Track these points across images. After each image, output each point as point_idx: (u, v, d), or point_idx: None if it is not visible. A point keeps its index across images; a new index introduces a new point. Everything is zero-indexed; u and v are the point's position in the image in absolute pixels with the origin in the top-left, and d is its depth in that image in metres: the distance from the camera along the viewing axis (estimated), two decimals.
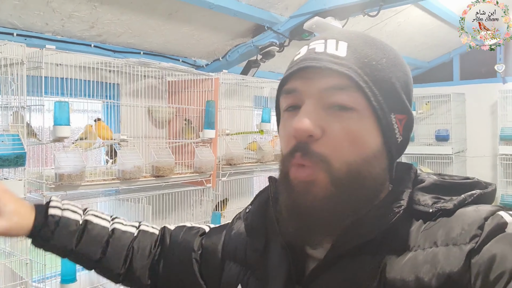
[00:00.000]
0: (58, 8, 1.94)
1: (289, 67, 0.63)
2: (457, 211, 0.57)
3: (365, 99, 0.59)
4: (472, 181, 0.63)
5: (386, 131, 0.60)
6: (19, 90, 1.73)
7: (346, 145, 0.58)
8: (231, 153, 2.67)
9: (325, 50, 0.60)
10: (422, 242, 0.56)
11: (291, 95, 0.62)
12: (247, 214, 0.76)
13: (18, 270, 1.81)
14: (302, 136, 0.57)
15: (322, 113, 0.58)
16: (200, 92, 2.58)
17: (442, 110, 4.50)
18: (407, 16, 3.24)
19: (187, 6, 2.20)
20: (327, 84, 0.58)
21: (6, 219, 0.77)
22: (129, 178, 2.11)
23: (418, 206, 0.60)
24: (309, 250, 0.65)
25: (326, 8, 2.36)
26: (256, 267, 0.70)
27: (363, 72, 0.59)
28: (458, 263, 0.52)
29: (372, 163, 0.60)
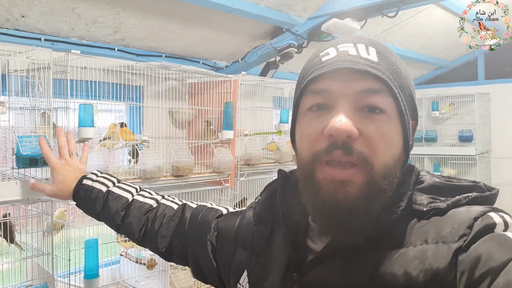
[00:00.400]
0: (83, 14, 2.01)
1: (318, 67, 0.63)
2: (450, 211, 0.59)
3: (395, 104, 0.62)
4: (472, 184, 0.64)
5: (406, 135, 0.64)
6: (46, 93, 1.81)
7: (381, 147, 0.60)
8: (249, 153, 2.71)
9: (359, 54, 0.62)
10: (414, 239, 0.59)
11: (320, 94, 0.62)
12: (255, 204, 0.80)
13: (44, 265, 1.89)
14: (342, 135, 0.58)
15: (356, 114, 0.60)
16: (220, 93, 2.63)
17: (466, 110, 4.41)
18: (428, 16, 3.20)
19: (206, 10, 2.24)
20: (363, 86, 0.60)
21: (54, 186, 1.15)
22: (150, 177, 2.17)
23: (414, 205, 0.62)
24: (309, 243, 0.68)
25: (344, 9, 2.37)
26: (260, 254, 0.73)
27: (393, 77, 0.62)
28: (445, 260, 0.54)
29: (397, 165, 0.63)
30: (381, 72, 0.60)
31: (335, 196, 0.59)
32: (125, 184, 1.11)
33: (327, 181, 0.59)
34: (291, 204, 0.72)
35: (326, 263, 0.63)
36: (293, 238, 0.68)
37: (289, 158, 2.91)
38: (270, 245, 0.72)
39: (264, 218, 0.76)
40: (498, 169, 4.42)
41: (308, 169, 0.62)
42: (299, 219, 0.70)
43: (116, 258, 2.49)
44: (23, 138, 1.63)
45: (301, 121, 0.66)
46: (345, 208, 0.59)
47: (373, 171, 0.59)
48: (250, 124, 2.90)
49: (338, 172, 0.59)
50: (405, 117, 0.62)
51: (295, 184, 0.73)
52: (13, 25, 1.97)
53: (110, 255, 2.44)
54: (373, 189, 0.59)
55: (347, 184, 0.58)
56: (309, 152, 0.62)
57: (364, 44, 0.63)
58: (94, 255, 1.99)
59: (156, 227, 0.98)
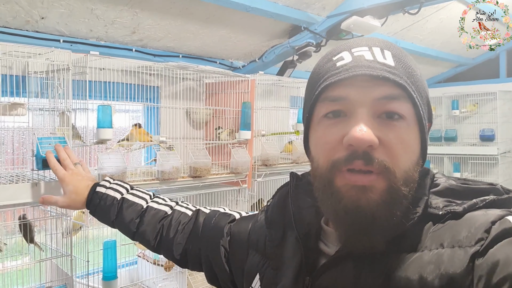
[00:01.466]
0: (102, 15, 2.01)
1: (334, 73, 0.61)
2: (466, 214, 0.58)
3: (412, 109, 0.60)
4: (489, 187, 0.63)
5: (423, 139, 0.62)
6: (65, 94, 1.81)
7: (402, 154, 0.59)
8: (266, 153, 2.68)
9: (375, 58, 0.60)
10: (429, 243, 0.57)
11: (337, 102, 0.60)
12: (267, 207, 0.79)
13: (63, 267, 1.90)
14: (363, 146, 0.57)
15: (375, 122, 0.58)
16: (237, 93, 2.61)
17: (487, 108, 4.31)
18: (450, 12, 3.13)
19: (224, 10, 2.22)
20: (382, 93, 0.59)
21: (66, 197, 1.14)
22: (168, 178, 2.16)
23: (430, 209, 0.61)
24: (322, 246, 0.67)
25: (364, 6, 2.32)
26: (272, 257, 0.72)
27: (410, 82, 0.60)
28: (462, 264, 0.53)
29: (416, 170, 0.61)
30: (399, 78, 0.59)
31: (357, 202, 0.57)
32: (139, 191, 1.11)
33: (348, 187, 0.58)
34: (303, 207, 0.71)
35: (339, 266, 0.62)
36: (305, 241, 0.67)
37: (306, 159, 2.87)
38: (282, 249, 0.71)
39: (276, 221, 0.75)
40: None
41: (326, 178, 0.60)
42: (312, 222, 0.69)
43: (133, 259, 2.49)
44: (43, 139, 1.63)
45: (317, 128, 0.64)
46: (367, 214, 0.57)
47: (395, 178, 0.57)
48: (267, 124, 2.87)
49: (359, 177, 0.57)
50: (423, 121, 0.62)
51: (307, 186, 0.73)
52: (32, 27, 1.98)
53: (127, 256, 2.45)
54: (394, 195, 0.58)
55: (369, 190, 0.57)
56: (327, 160, 0.60)
57: (379, 48, 0.62)
58: (113, 257, 1.99)
59: (171, 234, 0.97)
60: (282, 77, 2.89)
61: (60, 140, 1.72)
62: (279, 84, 3.06)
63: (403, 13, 2.30)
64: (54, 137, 1.73)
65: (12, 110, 1.59)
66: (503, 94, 4.26)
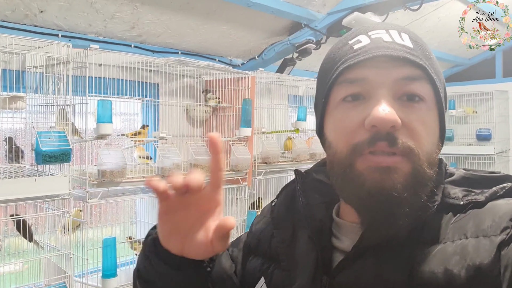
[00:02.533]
0: (101, 9, 1.99)
1: (352, 55, 0.59)
2: (488, 203, 0.57)
3: (433, 91, 0.59)
4: (502, 175, 0.62)
5: (442, 124, 0.61)
6: (64, 89, 1.78)
7: (424, 136, 0.57)
8: (267, 151, 2.66)
9: (394, 40, 0.59)
10: (451, 234, 0.56)
11: (356, 84, 0.59)
12: (273, 207, 0.76)
13: (62, 264, 1.86)
14: (386, 126, 0.55)
15: (395, 103, 0.57)
16: (236, 90, 2.59)
17: (484, 108, 4.33)
18: (449, 11, 3.14)
19: (225, 5, 2.21)
20: (402, 73, 0.57)
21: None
22: (168, 175, 2.13)
23: (449, 199, 0.59)
24: (335, 241, 0.65)
25: (365, 3, 2.32)
26: (282, 258, 0.69)
27: (429, 64, 0.59)
28: (489, 254, 0.51)
29: (437, 154, 0.60)
30: (419, 59, 0.58)
31: (382, 184, 0.55)
32: None
33: (371, 169, 0.55)
34: (313, 204, 0.69)
35: (357, 262, 0.59)
36: (319, 238, 0.65)
37: (306, 157, 2.86)
38: (293, 249, 0.68)
39: (284, 220, 0.72)
40: None
41: (346, 162, 0.58)
42: (323, 219, 0.67)
43: (132, 258, 2.45)
44: (43, 133, 1.61)
45: (334, 112, 0.62)
46: (393, 196, 0.55)
47: (419, 160, 0.56)
48: (266, 122, 2.86)
49: (383, 158, 0.55)
50: (443, 104, 0.61)
51: (313, 183, 0.71)
52: (31, 21, 1.94)
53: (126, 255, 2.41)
54: (419, 178, 0.56)
55: (393, 171, 0.55)
56: (348, 144, 0.58)
57: (396, 31, 0.61)
58: (112, 254, 1.96)
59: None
60: (282, 74, 2.87)
61: (60, 135, 1.70)
62: (278, 82, 3.05)
63: (404, 9, 2.30)
64: (54, 131, 1.71)
65: (12, 104, 1.56)
66: (499, 94, 4.28)
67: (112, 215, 2.48)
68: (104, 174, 1.91)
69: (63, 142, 1.69)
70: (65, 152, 1.69)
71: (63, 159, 1.69)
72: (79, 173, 1.95)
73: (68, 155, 1.70)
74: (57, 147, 1.66)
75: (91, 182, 1.88)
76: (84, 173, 1.91)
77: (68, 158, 1.70)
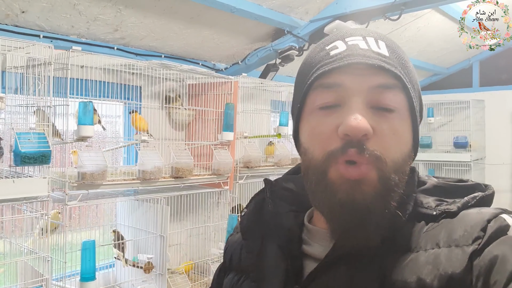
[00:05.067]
0: (84, 11, 1.98)
1: (327, 62, 0.60)
2: (460, 213, 0.57)
3: (406, 100, 0.60)
4: (472, 184, 0.63)
5: (415, 133, 0.61)
6: (45, 90, 1.76)
7: (394, 145, 0.58)
8: (249, 155, 2.68)
9: (370, 48, 0.59)
10: (424, 243, 0.56)
11: (331, 90, 0.59)
12: (242, 217, 0.75)
13: (39, 268, 1.84)
14: (358, 134, 0.55)
15: (369, 112, 0.57)
16: (219, 95, 2.60)
17: (461, 117, 4.44)
18: (427, 21, 3.22)
19: (209, 10, 2.22)
20: (377, 82, 0.58)
21: None
22: (149, 178, 2.13)
23: (421, 209, 0.60)
24: (306, 248, 0.64)
25: (347, 12, 2.37)
26: (251, 269, 0.68)
27: (404, 73, 0.60)
28: (461, 264, 0.52)
29: (407, 162, 0.60)
30: (394, 67, 0.58)
31: (353, 196, 0.56)
32: None
33: (342, 180, 0.56)
34: (282, 213, 0.69)
35: (329, 271, 0.59)
36: (289, 247, 0.65)
37: (288, 161, 2.89)
38: (262, 259, 0.67)
39: (253, 230, 0.72)
40: (493, 176, 4.45)
41: (321, 169, 0.58)
42: (292, 228, 0.67)
43: (111, 261, 2.43)
44: (22, 134, 1.59)
45: (309, 118, 0.62)
46: (363, 207, 0.56)
47: (386, 167, 0.56)
48: (248, 127, 2.88)
49: (352, 171, 0.56)
50: (416, 114, 0.61)
51: (282, 192, 0.71)
52: (12, 21, 1.93)
53: (105, 259, 2.39)
54: (386, 185, 0.57)
55: (362, 183, 0.56)
56: (323, 151, 0.58)
57: (373, 38, 0.61)
58: (91, 257, 1.94)
59: None
60: (265, 80, 2.90)
61: (39, 136, 1.68)
62: (261, 87, 3.07)
63: (384, 19, 2.35)
64: (33, 132, 1.69)
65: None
66: (476, 103, 4.40)
67: (92, 218, 2.46)
68: (85, 176, 1.89)
69: (42, 144, 1.67)
70: (45, 153, 1.68)
71: (43, 161, 1.68)
72: (59, 175, 1.93)
73: (48, 157, 1.69)
74: (37, 149, 1.65)
75: (70, 184, 1.87)
76: (63, 175, 1.90)
77: (47, 160, 1.69)
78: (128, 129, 2.52)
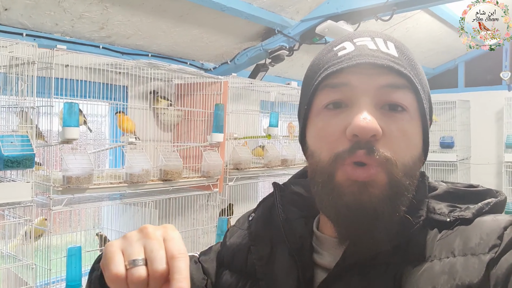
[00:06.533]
0: (69, 9, 1.91)
1: (335, 62, 0.58)
2: (475, 220, 0.56)
3: (416, 101, 0.58)
4: (484, 189, 0.62)
5: (425, 135, 0.60)
6: (28, 91, 1.69)
7: (404, 147, 0.56)
8: (238, 157, 2.64)
9: (379, 48, 0.58)
10: (438, 251, 0.55)
11: (338, 89, 0.58)
12: (250, 222, 0.73)
13: (22, 275, 1.77)
14: (367, 135, 0.54)
15: (377, 112, 0.56)
16: (208, 95, 2.55)
17: (447, 117, 4.48)
18: (416, 22, 3.23)
19: (199, 8, 2.17)
20: (386, 81, 0.56)
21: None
22: (136, 181, 2.07)
23: (434, 215, 0.58)
24: (316, 258, 0.63)
25: (338, 12, 2.34)
26: (261, 277, 0.66)
27: (414, 73, 0.59)
28: (478, 274, 0.50)
29: (417, 166, 0.59)
30: (403, 68, 0.57)
31: (360, 198, 0.54)
32: None
33: (349, 182, 0.55)
34: (292, 219, 0.66)
35: (342, 281, 0.57)
36: (300, 256, 0.62)
37: (278, 163, 2.85)
38: (272, 266, 0.65)
39: (262, 236, 0.69)
40: (477, 175, 4.50)
41: (327, 171, 0.57)
42: (303, 235, 0.65)
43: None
44: (5, 137, 1.52)
45: (316, 120, 0.60)
46: (370, 210, 0.54)
47: (396, 170, 0.55)
48: (238, 128, 2.84)
49: (360, 173, 0.54)
50: (426, 115, 0.60)
51: (291, 196, 0.69)
52: None
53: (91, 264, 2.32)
54: (395, 189, 0.55)
55: (370, 185, 0.54)
56: (330, 153, 0.57)
57: (382, 39, 0.60)
58: (77, 264, 1.88)
59: None
60: (255, 80, 2.86)
61: (23, 139, 1.61)
62: (250, 88, 3.03)
63: (376, 19, 2.34)
64: (16, 135, 1.62)
65: None
66: (462, 103, 4.45)
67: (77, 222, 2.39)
68: (70, 180, 1.82)
69: (26, 147, 1.60)
70: (28, 157, 1.61)
71: (26, 165, 1.61)
72: (43, 179, 1.86)
73: (32, 160, 1.62)
74: (20, 152, 1.58)
75: (55, 188, 1.80)
76: (48, 179, 1.82)
77: (31, 164, 1.62)
78: (114, 130, 2.45)
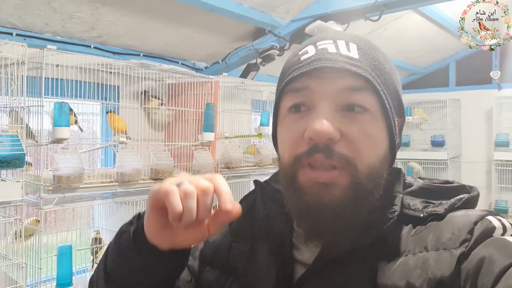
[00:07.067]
0: (60, 8, 1.92)
1: (297, 67, 0.60)
2: (447, 215, 0.58)
3: (378, 102, 0.59)
4: (457, 185, 0.63)
5: (391, 134, 0.61)
6: (18, 91, 1.70)
7: (366, 148, 0.57)
8: (229, 156, 2.65)
9: (339, 51, 0.59)
10: (412, 247, 0.56)
11: (300, 93, 0.59)
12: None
13: (12, 274, 1.78)
14: (322, 138, 0.55)
15: (337, 115, 0.57)
16: (199, 95, 2.57)
17: (438, 115, 4.52)
18: (406, 22, 3.26)
19: (189, 8, 2.18)
20: (344, 84, 0.57)
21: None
22: (127, 180, 2.08)
23: (408, 211, 0.60)
24: (296, 254, 0.64)
25: (328, 12, 2.36)
26: (242, 272, 0.67)
27: (375, 74, 0.59)
28: (449, 267, 0.52)
29: (383, 165, 0.60)
30: (362, 69, 0.57)
31: (320, 198, 0.56)
32: None
33: (310, 183, 0.57)
34: (273, 216, 0.67)
35: (320, 276, 0.59)
36: (280, 252, 0.64)
37: (269, 161, 2.87)
38: (253, 262, 0.66)
39: (243, 233, 0.70)
40: (468, 174, 4.55)
41: (289, 173, 0.59)
42: (283, 231, 0.66)
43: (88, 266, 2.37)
44: None
45: (282, 123, 0.62)
46: (330, 210, 0.56)
47: (357, 172, 0.56)
48: (229, 127, 2.85)
49: (320, 174, 0.56)
50: (390, 114, 0.60)
51: (272, 193, 0.70)
52: None
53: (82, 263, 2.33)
54: (358, 191, 0.56)
55: (331, 186, 0.56)
56: (291, 155, 0.59)
57: (344, 41, 0.61)
58: (68, 263, 1.89)
59: None
60: (246, 79, 2.88)
61: (13, 139, 1.62)
62: (241, 87, 3.05)
63: (365, 19, 2.36)
64: (6, 135, 1.63)
65: None
66: (453, 102, 4.48)
67: (68, 222, 2.39)
68: (60, 179, 1.83)
69: (16, 147, 1.61)
70: (18, 157, 1.62)
71: (16, 164, 1.62)
72: (33, 179, 1.87)
73: (22, 160, 1.63)
74: (10, 152, 1.58)
75: (46, 188, 1.81)
76: (38, 178, 1.83)
77: (21, 163, 1.63)
78: (105, 129, 2.46)
